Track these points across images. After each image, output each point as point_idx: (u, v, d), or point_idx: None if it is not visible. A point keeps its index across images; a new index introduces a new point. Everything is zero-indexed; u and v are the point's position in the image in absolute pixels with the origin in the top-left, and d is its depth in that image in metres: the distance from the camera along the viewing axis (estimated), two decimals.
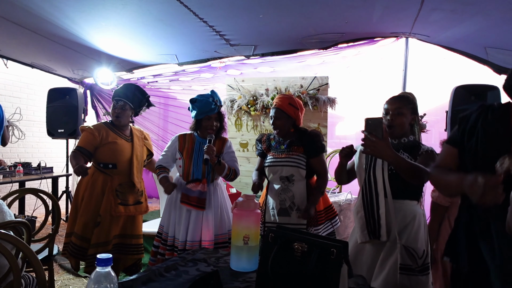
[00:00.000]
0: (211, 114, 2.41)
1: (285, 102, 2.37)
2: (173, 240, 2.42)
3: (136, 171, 2.69)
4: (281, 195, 2.32)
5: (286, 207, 2.30)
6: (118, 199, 2.61)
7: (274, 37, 3.61)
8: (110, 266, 0.93)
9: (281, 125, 2.35)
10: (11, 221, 1.60)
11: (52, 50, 4.04)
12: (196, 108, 2.41)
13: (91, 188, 2.62)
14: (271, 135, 2.52)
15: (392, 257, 1.74)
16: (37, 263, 1.33)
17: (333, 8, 2.89)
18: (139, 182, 2.74)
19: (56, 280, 3.02)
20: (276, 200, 2.33)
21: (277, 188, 2.34)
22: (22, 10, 2.96)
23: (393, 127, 1.82)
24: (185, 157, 2.44)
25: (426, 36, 3.35)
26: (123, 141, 2.70)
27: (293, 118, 2.37)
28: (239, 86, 4.35)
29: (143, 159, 2.80)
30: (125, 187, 2.66)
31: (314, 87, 4.05)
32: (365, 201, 1.78)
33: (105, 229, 2.57)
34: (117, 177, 2.65)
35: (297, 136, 2.38)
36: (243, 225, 1.45)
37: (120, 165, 2.66)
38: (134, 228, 2.74)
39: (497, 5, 2.47)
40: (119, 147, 2.66)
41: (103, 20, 3.21)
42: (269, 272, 1.20)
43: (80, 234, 2.57)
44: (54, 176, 4.48)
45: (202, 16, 3.05)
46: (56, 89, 4.68)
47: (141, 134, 2.87)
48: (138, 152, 2.74)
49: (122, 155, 2.66)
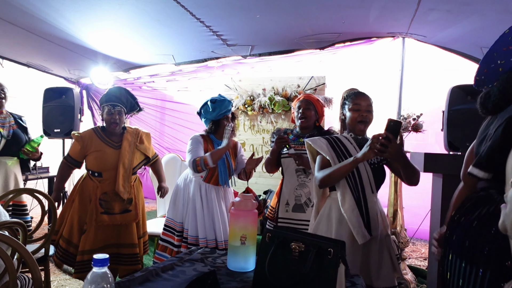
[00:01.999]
0: (228, 114, 2.52)
1: (314, 97, 2.49)
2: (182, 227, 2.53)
3: (122, 180, 2.54)
4: (297, 190, 2.33)
5: (301, 203, 2.31)
6: (101, 208, 2.51)
7: (271, 37, 3.61)
8: (106, 266, 0.92)
9: (310, 116, 2.40)
10: (6, 222, 1.59)
11: (48, 50, 4.02)
12: (217, 109, 2.44)
13: (80, 193, 2.57)
14: (288, 130, 2.56)
15: (385, 251, 1.76)
16: (33, 264, 1.32)
17: (330, 9, 2.90)
18: (126, 191, 2.57)
19: (52, 281, 3.00)
20: (292, 195, 2.34)
21: (292, 183, 2.36)
22: (18, 9, 2.94)
23: (367, 123, 1.84)
24: None
25: (423, 36, 3.36)
26: (109, 149, 2.58)
27: (319, 114, 2.47)
28: (236, 86, 4.35)
29: (132, 166, 2.62)
30: (111, 195, 2.54)
31: (311, 87, 4.05)
32: (355, 197, 1.72)
33: (90, 237, 2.49)
34: (102, 185, 2.54)
35: (318, 131, 2.45)
36: (240, 225, 1.44)
37: (105, 174, 2.55)
38: (127, 237, 2.61)
39: (493, 6, 2.48)
40: (104, 155, 2.55)
41: (100, 20, 3.19)
42: (266, 272, 1.20)
43: (66, 237, 2.52)
44: (50, 176, 4.45)
45: (199, 16, 3.04)
46: (52, 89, 4.65)
47: (135, 137, 2.70)
48: (125, 159, 2.58)
49: (107, 163, 2.55)
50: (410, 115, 3.29)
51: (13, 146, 2.85)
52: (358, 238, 1.66)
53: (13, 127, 2.89)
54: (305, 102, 2.42)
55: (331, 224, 1.77)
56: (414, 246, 4.37)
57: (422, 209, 3.66)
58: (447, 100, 2.81)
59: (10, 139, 2.82)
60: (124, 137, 2.64)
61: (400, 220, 3.27)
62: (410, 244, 4.25)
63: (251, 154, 2.51)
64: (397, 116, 3.47)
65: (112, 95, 2.58)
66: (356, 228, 1.67)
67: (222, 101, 2.47)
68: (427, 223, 2.95)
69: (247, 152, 4.31)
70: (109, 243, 2.58)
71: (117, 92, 2.62)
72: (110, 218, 2.53)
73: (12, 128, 2.88)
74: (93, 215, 2.49)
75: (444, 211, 2.49)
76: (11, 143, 2.83)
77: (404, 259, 3.31)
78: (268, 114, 4.23)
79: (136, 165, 2.67)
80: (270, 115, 4.22)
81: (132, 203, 2.62)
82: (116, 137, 2.65)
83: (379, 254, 1.75)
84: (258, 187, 4.16)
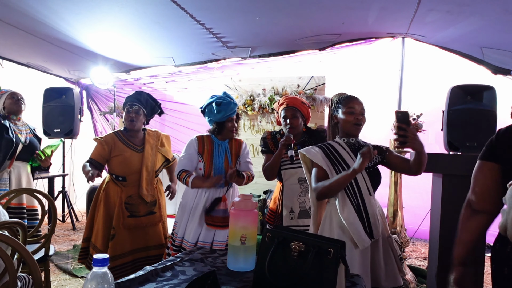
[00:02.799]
0: (233, 115, 2.43)
1: (298, 101, 2.38)
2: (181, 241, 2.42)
3: (145, 184, 2.59)
4: (301, 197, 2.32)
5: (306, 209, 2.31)
6: (127, 211, 2.55)
7: (271, 38, 3.62)
8: (106, 266, 0.92)
9: (298, 124, 2.34)
10: (6, 221, 1.59)
11: (48, 51, 4.02)
12: (222, 112, 2.37)
13: (105, 199, 2.60)
14: (276, 134, 2.49)
15: (390, 251, 1.77)
16: (33, 264, 1.32)
17: (329, 10, 2.90)
18: (150, 194, 2.62)
19: (52, 281, 3.00)
20: (296, 203, 2.33)
21: (295, 191, 2.34)
22: (18, 12, 2.95)
23: (361, 125, 1.83)
24: (206, 159, 2.41)
25: (422, 36, 3.36)
26: (132, 153, 2.61)
27: (305, 117, 2.40)
28: (236, 86, 4.35)
29: (154, 169, 2.67)
30: (135, 198, 2.58)
31: (311, 87, 4.05)
32: (354, 204, 1.72)
33: (120, 242, 2.51)
34: (126, 189, 2.59)
35: (308, 135, 2.40)
36: (240, 225, 1.44)
37: (129, 178, 2.59)
38: (155, 239, 2.65)
39: (492, 6, 2.48)
40: (127, 159, 2.58)
41: (99, 22, 3.19)
42: (266, 272, 1.20)
43: (99, 248, 2.52)
44: (50, 176, 4.45)
45: (199, 19, 3.04)
46: (52, 89, 4.66)
47: (156, 139, 2.74)
48: (148, 162, 2.62)
49: (130, 167, 2.58)
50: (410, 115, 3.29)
51: (28, 153, 2.93)
52: (359, 244, 1.67)
53: (29, 135, 2.97)
54: (290, 110, 2.34)
55: (332, 230, 1.77)
56: (414, 246, 4.37)
57: (422, 209, 3.66)
58: (447, 100, 2.81)
59: (27, 146, 2.90)
60: (146, 140, 2.68)
61: (400, 220, 3.27)
62: (410, 244, 4.25)
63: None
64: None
65: (131, 97, 2.66)
66: (356, 235, 1.68)
67: (227, 104, 2.39)
68: (427, 223, 2.95)
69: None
70: (138, 247, 2.60)
71: (136, 94, 2.68)
72: (136, 221, 2.57)
73: (29, 136, 2.97)
74: (120, 219, 2.53)
75: (444, 211, 2.49)
76: (27, 150, 2.91)
77: (404, 259, 3.31)
78: (268, 114, 4.22)
79: (158, 168, 2.71)
80: (270, 115, 4.22)
81: (156, 204, 2.67)
82: (138, 140, 2.68)
83: (384, 254, 1.76)
84: (258, 187, 4.15)
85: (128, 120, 2.61)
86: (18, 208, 2.78)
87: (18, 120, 2.95)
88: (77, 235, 4.48)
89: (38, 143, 3.05)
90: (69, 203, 4.89)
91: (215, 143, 2.47)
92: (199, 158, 2.42)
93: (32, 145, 2.95)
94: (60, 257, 3.66)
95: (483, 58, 3.28)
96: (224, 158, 2.45)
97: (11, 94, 2.92)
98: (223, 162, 2.43)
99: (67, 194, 4.92)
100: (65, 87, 4.75)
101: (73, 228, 4.71)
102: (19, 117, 2.96)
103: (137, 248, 2.60)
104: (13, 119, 2.92)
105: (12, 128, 2.83)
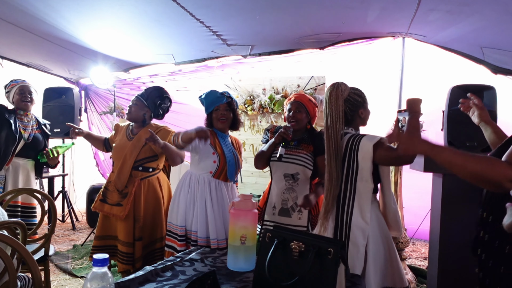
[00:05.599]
0: (219, 103, 2.42)
1: (305, 97, 2.39)
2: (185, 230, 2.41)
3: (119, 171, 2.57)
4: (284, 194, 2.27)
5: (287, 207, 2.25)
6: (101, 195, 2.65)
7: (271, 37, 3.61)
8: (106, 266, 0.92)
9: (301, 119, 2.33)
10: (6, 221, 1.59)
11: (48, 50, 4.01)
12: (204, 102, 2.44)
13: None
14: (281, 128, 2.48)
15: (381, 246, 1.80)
16: (33, 264, 1.32)
17: (330, 9, 2.89)
18: (121, 182, 2.56)
19: (52, 281, 3.00)
20: (279, 199, 2.28)
21: (280, 187, 2.30)
22: (17, 10, 2.94)
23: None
24: (220, 153, 2.41)
25: (422, 36, 3.36)
26: (125, 140, 2.67)
27: (310, 115, 2.39)
28: (236, 86, 4.35)
29: (134, 159, 2.57)
30: (112, 185, 2.63)
31: (311, 87, 4.05)
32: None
33: (99, 224, 2.66)
34: (112, 175, 2.68)
35: (309, 134, 2.38)
36: (240, 225, 1.44)
37: (115, 163, 2.67)
38: (122, 234, 2.54)
39: (493, 6, 2.48)
40: (118, 145, 2.67)
41: (100, 20, 3.19)
42: (266, 272, 1.19)
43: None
44: (50, 176, 4.45)
45: (198, 17, 3.03)
46: (52, 89, 4.66)
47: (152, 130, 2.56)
48: (129, 150, 2.59)
49: (118, 153, 2.65)
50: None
51: (31, 149, 2.94)
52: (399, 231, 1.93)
53: (34, 131, 2.97)
54: (295, 104, 2.34)
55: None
56: (414, 246, 4.37)
57: (422, 209, 3.66)
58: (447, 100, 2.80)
59: (30, 143, 2.91)
60: (141, 130, 2.68)
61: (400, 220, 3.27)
62: (410, 244, 4.24)
63: None
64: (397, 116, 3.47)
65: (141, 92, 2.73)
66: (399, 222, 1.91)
67: (208, 95, 2.43)
68: (427, 223, 2.95)
69: (247, 152, 4.31)
70: (110, 234, 2.64)
71: (147, 89, 2.75)
72: (102, 207, 2.62)
73: (34, 132, 2.96)
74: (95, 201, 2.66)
75: (444, 211, 2.49)
76: (30, 147, 2.92)
77: (404, 259, 3.31)
78: (268, 113, 4.22)
79: (141, 158, 2.60)
80: (270, 114, 4.22)
81: (126, 198, 2.55)
82: (137, 130, 2.71)
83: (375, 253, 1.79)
84: (258, 187, 4.15)
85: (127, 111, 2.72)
86: (13, 206, 2.76)
87: (25, 115, 2.95)
88: (77, 235, 4.48)
89: (45, 139, 3.05)
90: (69, 203, 4.88)
91: (218, 135, 2.48)
92: (213, 151, 2.40)
93: (36, 142, 2.95)
94: (60, 257, 3.65)
95: (484, 58, 3.27)
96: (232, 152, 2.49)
97: (20, 89, 2.92)
98: (233, 156, 2.47)
99: (67, 194, 4.92)
100: (65, 87, 4.74)
101: (73, 228, 4.71)
102: (26, 112, 2.96)
103: (110, 235, 2.64)
104: (20, 114, 2.93)
105: (17, 124, 2.84)
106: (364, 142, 1.78)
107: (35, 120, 3.03)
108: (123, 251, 2.54)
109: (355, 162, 1.80)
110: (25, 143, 2.88)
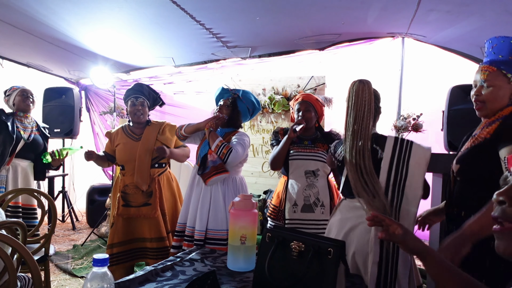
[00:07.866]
0: (222, 99, 2.50)
1: (313, 97, 2.43)
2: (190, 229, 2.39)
3: (139, 171, 2.56)
4: (306, 191, 2.31)
5: (310, 203, 2.30)
6: (122, 200, 2.58)
7: (271, 38, 3.61)
8: (106, 266, 0.92)
9: (310, 118, 2.37)
10: (6, 221, 1.59)
11: (48, 51, 4.02)
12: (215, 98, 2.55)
13: (114, 188, 2.73)
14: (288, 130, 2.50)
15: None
16: (33, 264, 1.32)
17: (329, 10, 2.90)
18: (145, 182, 2.57)
19: (52, 281, 3.00)
20: (300, 196, 2.32)
21: (300, 185, 2.33)
22: (17, 12, 2.95)
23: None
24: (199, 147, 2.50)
25: (422, 36, 3.36)
26: (130, 141, 2.64)
27: (318, 114, 2.43)
28: (236, 86, 4.34)
29: (150, 157, 2.60)
30: (131, 187, 2.58)
31: (311, 87, 4.05)
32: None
33: (118, 230, 2.55)
34: (125, 178, 2.62)
35: (321, 134, 2.43)
36: (240, 225, 1.44)
37: (127, 166, 2.62)
38: (155, 231, 2.56)
39: (492, 7, 2.48)
40: (125, 148, 2.62)
41: (99, 23, 3.19)
42: (266, 272, 1.19)
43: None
44: (50, 176, 4.45)
45: (199, 19, 3.04)
46: (52, 89, 4.66)
47: (157, 129, 2.68)
48: (144, 150, 2.59)
49: (127, 155, 2.61)
50: (410, 115, 3.29)
51: (30, 150, 2.95)
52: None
53: (34, 133, 2.98)
54: (304, 104, 2.38)
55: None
56: None
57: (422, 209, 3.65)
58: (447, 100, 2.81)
59: (29, 144, 2.92)
60: (146, 129, 2.68)
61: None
62: None
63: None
64: (397, 116, 3.47)
65: (133, 89, 2.66)
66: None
67: (217, 90, 2.55)
68: None
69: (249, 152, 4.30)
70: (134, 237, 2.59)
71: (138, 86, 2.70)
72: (129, 211, 2.57)
73: (33, 133, 2.98)
74: (116, 208, 2.58)
75: None
76: (29, 148, 2.92)
77: None
78: (268, 114, 4.23)
79: (155, 156, 2.62)
80: (270, 115, 4.22)
81: (152, 196, 2.58)
82: (140, 130, 2.69)
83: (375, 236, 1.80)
84: (258, 187, 4.15)
85: (133, 113, 2.63)
86: (14, 207, 2.77)
87: (25, 117, 2.97)
88: (77, 235, 4.48)
89: (45, 141, 3.05)
90: (69, 203, 4.89)
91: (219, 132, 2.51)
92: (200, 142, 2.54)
93: (35, 144, 2.96)
94: (60, 257, 3.66)
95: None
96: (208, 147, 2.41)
97: (22, 91, 2.96)
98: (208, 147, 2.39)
99: (67, 194, 4.92)
100: (65, 87, 4.75)
101: (73, 228, 4.71)
102: (26, 114, 2.98)
103: (134, 238, 2.60)
104: (20, 116, 2.95)
105: (15, 125, 2.84)
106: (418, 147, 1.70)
107: (34, 122, 3.06)
108: (156, 247, 2.57)
109: (404, 167, 1.71)
110: (25, 143, 2.89)
